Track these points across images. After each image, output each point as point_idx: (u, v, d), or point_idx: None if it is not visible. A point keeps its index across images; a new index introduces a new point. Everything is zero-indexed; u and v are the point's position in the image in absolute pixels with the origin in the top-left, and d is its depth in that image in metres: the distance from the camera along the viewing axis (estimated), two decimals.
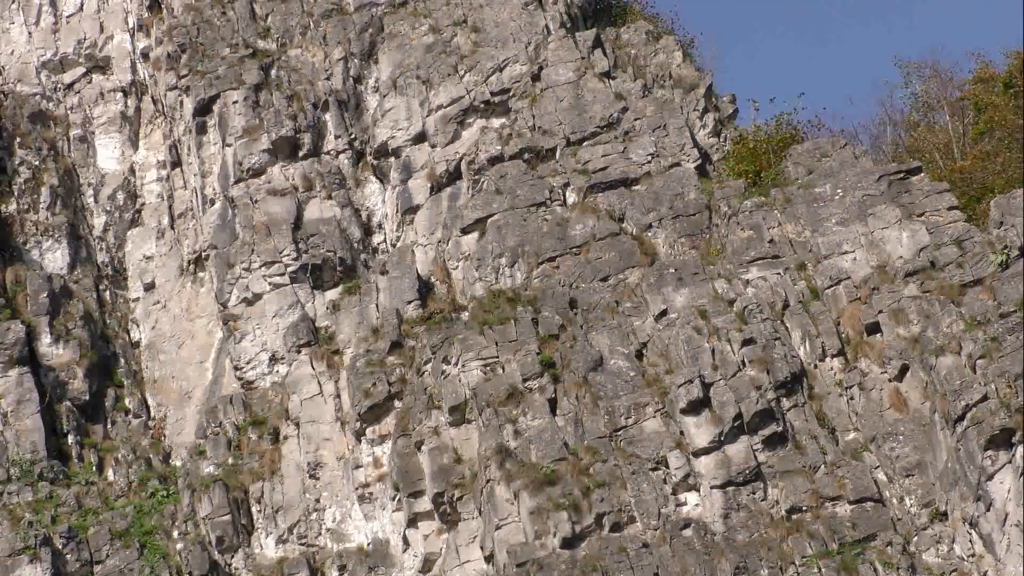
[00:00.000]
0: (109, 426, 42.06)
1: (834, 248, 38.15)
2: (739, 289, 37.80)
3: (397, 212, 43.21)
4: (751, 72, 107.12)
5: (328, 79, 44.72)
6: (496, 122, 43.17)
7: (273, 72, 44.92)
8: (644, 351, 37.26)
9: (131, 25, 48.28)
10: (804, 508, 34.29)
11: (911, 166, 39.85)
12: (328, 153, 44.08)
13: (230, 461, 39.75)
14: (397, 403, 38.36)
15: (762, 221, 39.22)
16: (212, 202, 43.91)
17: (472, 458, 36.44)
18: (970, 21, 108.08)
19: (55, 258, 44.52)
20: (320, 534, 38.48)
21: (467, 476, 36.32)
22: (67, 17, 48.70)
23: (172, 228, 45.67)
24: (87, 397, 41.92)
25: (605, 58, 44.27)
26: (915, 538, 33.89)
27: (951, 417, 33.58)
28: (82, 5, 48.78)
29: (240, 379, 41.35)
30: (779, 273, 38.08)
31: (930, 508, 34.09)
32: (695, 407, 35.51)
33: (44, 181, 45.57)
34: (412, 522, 36.96)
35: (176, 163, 46.12)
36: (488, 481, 35.42)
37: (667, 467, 34.99)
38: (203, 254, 43.80)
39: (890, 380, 35.78)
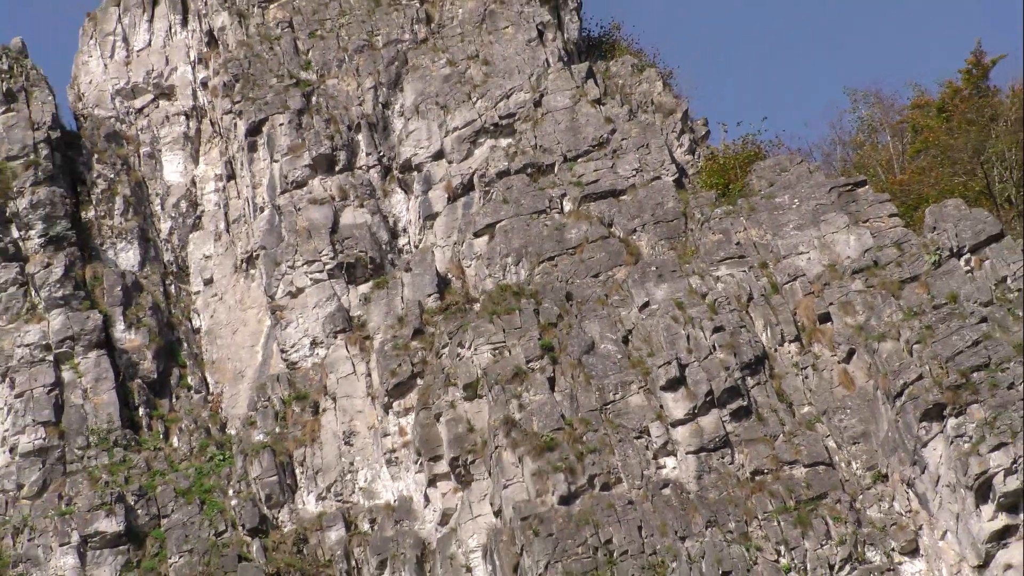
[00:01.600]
0: (174, 400, 42.09)
1: (791, 249, 38.12)
2: (710, 284, 37.79)
3: (419, 218, 43.19)
4: (722, 98, 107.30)
5: (360, 105, 44.66)
6: (503, 142, 43.12)
7: (313, 99, 44.88)
8: (629, 337, 37.23)
9: (192, 58, 48.24)
10: (766, 471, 34.30)
11: (857, 180, 39.79)
12: (360, 168, 44.04)
13: (277, 430, 39.75)
14: (419, 381, 38.35)
15: (730, 226, 39.19)
16: (261, 210, 43.89)
17: (483, 428, 36.46)
18: (909, 53, 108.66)
19: (128, 257, 44.51)
20: (354, 492, 38.50)
21: (478, 443, 36.34)
22: (137, 51, 48.61)
23: (227, 232, 45.64)
24: (155, 376, 41.94)
25: (596, 87, 44.21)
26: (860, 497, 33.89)
27: (891, 393, 33.60)
28: (150, 41, 48.71)
29: (285, 360, 41.37)
30: (744, 271, 38.05)
31: (873, 471, 34.11)
32: (673, 385, 35.52)
33: (118, 191, 45.55)
34: (432, 482, 36.98)
35: (231, 176, 46.10)
36: (496, 447, 35.45)
37: (649, 436, 35.00)
38: (254, 254, 43.76)
39: (839, 362, 35.79)
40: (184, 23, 48.90)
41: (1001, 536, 31.27)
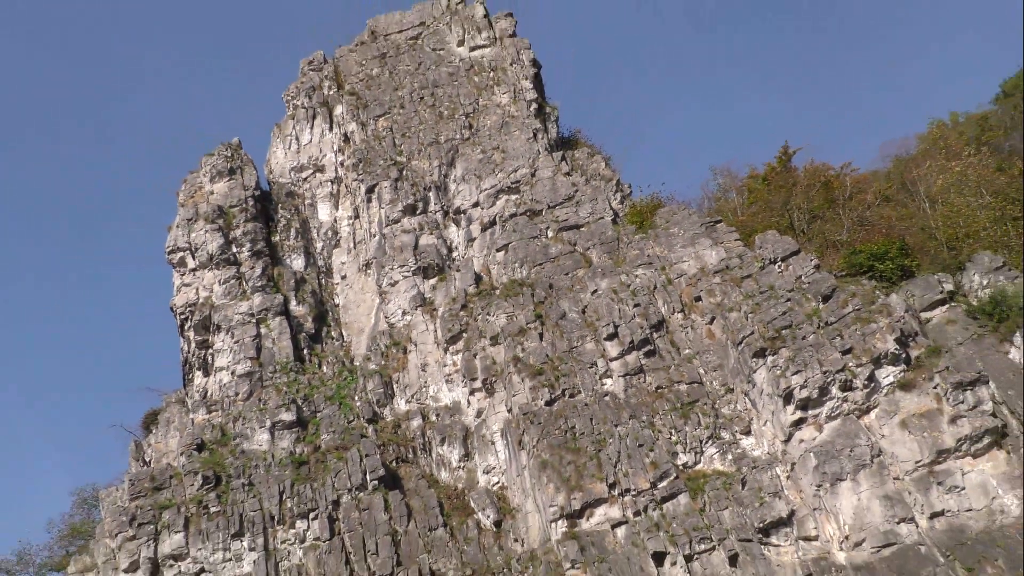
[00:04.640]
0: (324, 345, 42.27)
1: (679, 259, 38.27)
2: (633, 279, 37.95)
3: (464, 241, 43.32)
4: (639, 169, 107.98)
5: (431, 176, 44.81)
6: (513, 197, 43.23)
7: (404, 172, 45.02)
8: (586, 310, 37.42)
9: (335, 149, 48.36)
10: (664, 387, 34.53)
11: (716, 219, 39.96)
12: (431, 212, 44.17)
13: (382, 363, 39.97)
14: (465, 335, 38.52)
15: (644, 246, 39.33)
16: (374, 236, 44.05)
17: (501, 362, 36.65)
18: (744, 147, 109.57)
19: (298, 263, 44.61)
20: (427, 399, 38.66)
21: (499, 371, 36.51)
22: (303, 145, 48.76)
23: (354, 248, 45.80)
24: (313, 331, 42.14)
25: (566, 165, 44.26)
26: (718, 401, 34.10)
27: (736, 342, 33.82)
28: (311, 139, 48.82)
29: (387, 323, 41.54)
30: (652, 271, 38.21)
31: (725, 387, 34.32)
32: (611, 337, 35.77)
33: (292, 225, 45.73)
34: (471, 393, 37.21)
35: (356, 217, 46.21)
36: (509, 373, 35.68)
37: (596, 366, 35.24)
38: (370, 261, 43.96)
39: (706, 324, 35.96)
40: (330, 128, 49.03)
41: (796, 424, 31.70)
